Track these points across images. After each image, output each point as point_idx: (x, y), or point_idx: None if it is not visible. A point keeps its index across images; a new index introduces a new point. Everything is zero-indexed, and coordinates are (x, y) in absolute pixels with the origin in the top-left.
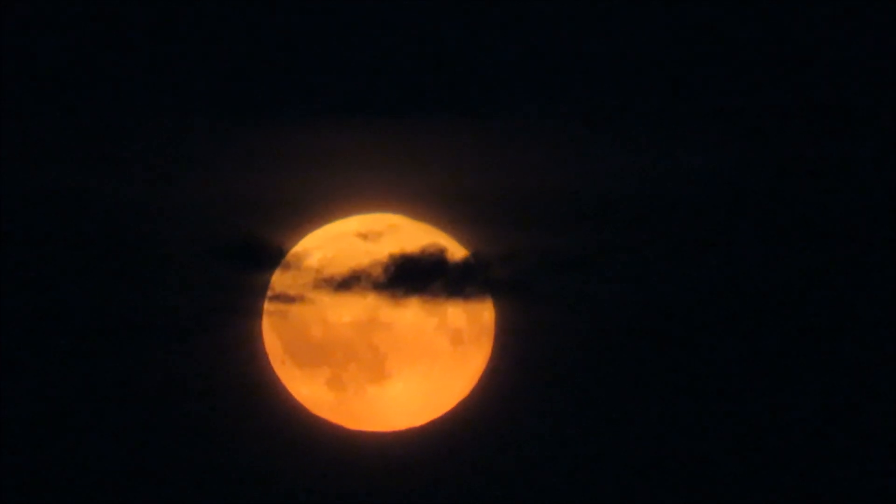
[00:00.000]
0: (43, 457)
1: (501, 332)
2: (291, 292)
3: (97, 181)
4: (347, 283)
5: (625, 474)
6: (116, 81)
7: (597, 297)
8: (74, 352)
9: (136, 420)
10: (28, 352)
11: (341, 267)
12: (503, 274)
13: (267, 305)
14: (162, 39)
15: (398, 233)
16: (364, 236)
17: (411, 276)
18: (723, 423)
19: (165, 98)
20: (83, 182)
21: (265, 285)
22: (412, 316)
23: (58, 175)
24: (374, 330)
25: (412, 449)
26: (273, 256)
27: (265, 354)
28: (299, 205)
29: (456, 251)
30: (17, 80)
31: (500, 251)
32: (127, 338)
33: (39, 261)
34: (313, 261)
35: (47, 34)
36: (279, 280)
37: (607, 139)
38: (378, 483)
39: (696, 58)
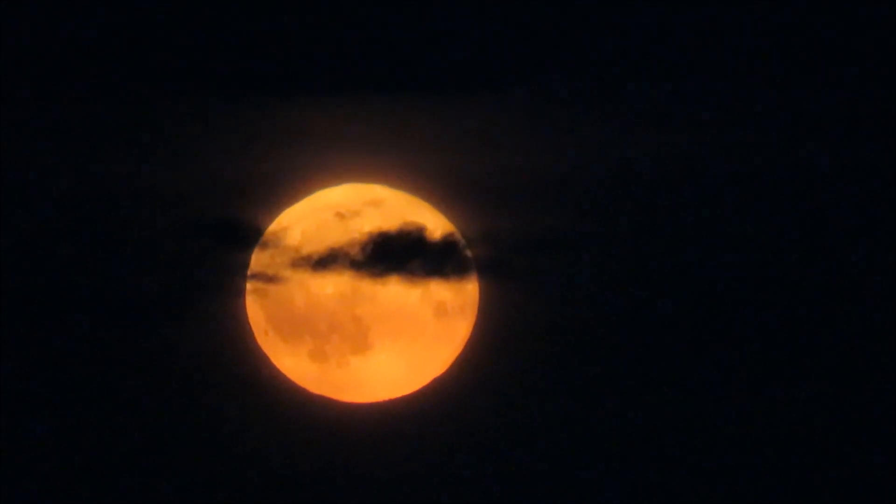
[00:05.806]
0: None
1: (484, 307)
2: (270, 272)
3: (71, 163)
4: (326, 261)
5: (605, 445)
6: (90, 61)
7: (579, 275)
8: (55, 331)
9: (121, 394)
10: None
11: (320, 245)
12: (485, 252)
13: (248, 285)
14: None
15: (378, 207)
16: (343, 211)
17: (390, 255)
18: (701, 395)
19: (138, 77)
20: (58, 163)
21: (245, 264)
22: (395, 288)
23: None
24: (357, 302)
25: (395, 419)
26: (251, 235)
27: (249, 327)
28: (279, 179)
29: (438, 226)
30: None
31: (482, 228)
32: (108, 315)
33: (18, 242)
34: (292, 239)
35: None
36: (258, 259)
37: (594, 119)
38: (362, 453)
39: (679, 39)
